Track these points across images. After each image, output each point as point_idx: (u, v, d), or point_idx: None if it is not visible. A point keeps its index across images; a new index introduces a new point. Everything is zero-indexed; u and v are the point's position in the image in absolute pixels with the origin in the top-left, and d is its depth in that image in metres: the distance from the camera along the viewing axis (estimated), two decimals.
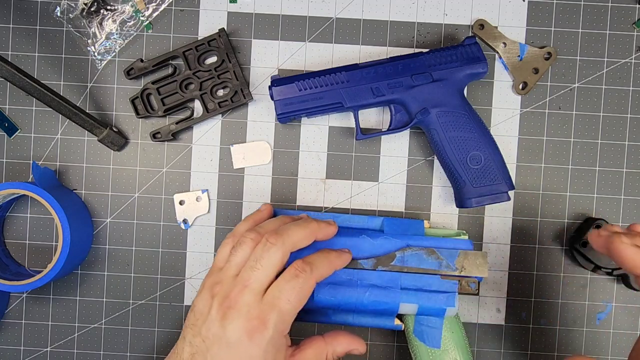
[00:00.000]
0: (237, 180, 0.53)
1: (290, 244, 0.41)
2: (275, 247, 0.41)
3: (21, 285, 0.48)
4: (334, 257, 0.43)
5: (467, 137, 0.48)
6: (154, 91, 0.51)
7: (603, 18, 0.52)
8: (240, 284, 0.40)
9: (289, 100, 0.49)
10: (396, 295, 0.45)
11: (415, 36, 0.53)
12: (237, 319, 0.39)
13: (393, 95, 0.49)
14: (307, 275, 0.40)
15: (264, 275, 0.40)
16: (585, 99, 0.52)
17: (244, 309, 0.39)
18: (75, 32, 0.52)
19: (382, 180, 0.53)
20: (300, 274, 0.40)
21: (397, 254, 0.46)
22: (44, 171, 0.50)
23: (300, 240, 0.42)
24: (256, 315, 0.39)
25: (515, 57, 0.52)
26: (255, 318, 0.39)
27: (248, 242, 0.42)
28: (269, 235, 0.41)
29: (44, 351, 0.53)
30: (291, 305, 0.40)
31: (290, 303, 0.40)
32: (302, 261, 0.41)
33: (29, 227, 0.53)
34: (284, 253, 0.41)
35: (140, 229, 0.53)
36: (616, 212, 0.52)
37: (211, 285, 0.42)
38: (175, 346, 0.42)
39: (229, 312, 0.39)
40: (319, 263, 0.42)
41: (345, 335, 0.44)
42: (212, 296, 0.41)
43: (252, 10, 0.53)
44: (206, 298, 0.41)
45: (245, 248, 0.42)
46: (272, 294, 0.40)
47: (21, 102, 0.53)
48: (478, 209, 0.52)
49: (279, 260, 0.41)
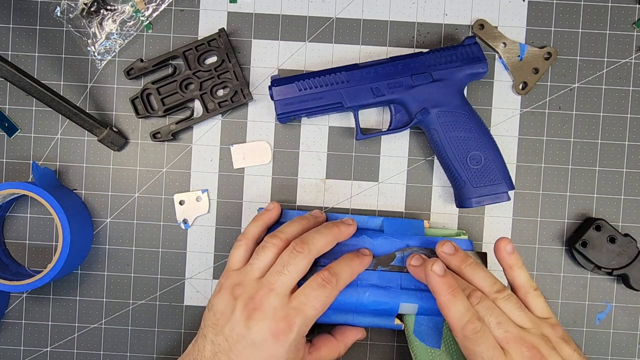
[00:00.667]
0: (237, 180, 0.53)
1: (315, 251, 0.43)
2: (302, 255, 0.43)
3: (21, 285, 0.48)
4: (357, 264, 0.45)
5: (467, 137, 0.48)
6: (154, 91, 0.51)
7: (603, 18, 0.52)
8: (265, 287, 0.42)
9: (289, 100, 0.49)
10: (396, 295, 0.45)
11: (415, 36, 0.53)
12: (262, 319, 0.41)
13: (393, 95, 0.49)
14: (333, 286, 0.42)
15: (290, 280, 0.42)
16: (585, 99, 0.52)
17: (270, 311, 0.41)
18: (75, 32, 0.52)
19: (382, 180, 0.53)
20: (327, 285, 0.42)
21: (397, 254, 0.46)
22: (44, 171, 0.50)
23: (324, 247, 0.44)
24: (282, 317, 0.41)
25: (515, 57, 0.52)
26: (282, 320, 0.41)
27: (271, 247, 0.44)
28: (295, 243, 0.43)
29: (44, 351, 0.53)
30: (316, 312, 0.42)
31: (315, 309, 0.42)
32: (329, 272, 0.43)
33: (29, 227, 0.53)
34: (310, 260, 0.43)
35: (140, 229, 0.53)
36: (616, 212, 0.52)
37: (231, 286, 0.43)
38: (194, 344, 0.43)
39: (254, 313, 0.41)
40: (344, 274, 0.43)
41: (351, 329, 0.48)
42: (235, 297, 0.42)
43: (252, 10, 0.53)
44: (227, 299, 0.42)
45: (268, 253, 0.43)
46: (298, 300, 0.42)
47: (21, 102, 0.53)
48: (478, 209, 0.52)
49: (305, 267, 0.43)
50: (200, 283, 0.53)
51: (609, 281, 0.52)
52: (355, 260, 0.45)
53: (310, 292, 0.42)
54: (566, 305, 0.52)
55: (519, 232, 0.52)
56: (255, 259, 0.44)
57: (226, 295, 0.43)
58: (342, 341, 0.47)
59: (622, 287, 0.52)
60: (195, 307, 0.53)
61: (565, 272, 0.52)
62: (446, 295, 0.40)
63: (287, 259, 0.42)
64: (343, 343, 0.47)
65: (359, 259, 0.45)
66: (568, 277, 0.52)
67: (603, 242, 0.50)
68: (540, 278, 0.52)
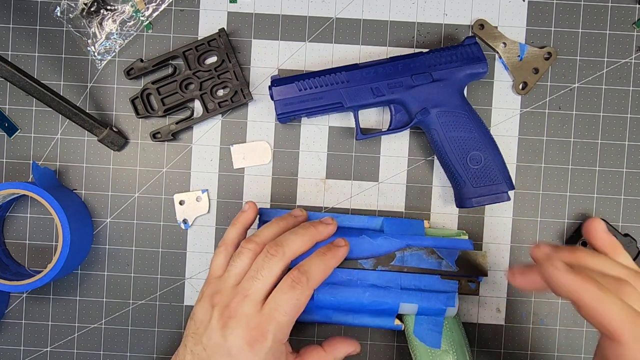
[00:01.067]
0: (237, 180, 0.53)
1: (290, 253, 0.42)
2: (276, 259, 0.41)
3: (21, 285, 0.48)
4: (330, 258, 0.43)
5: (467, 137, 0.48)
6: (154, 91, 0.51)
7: (603, 18, 0.52)
8: (240, 293, 0.41)
9: (289, 100, 0.49)
10: (396, 295, 0.45)
11: (415, 36, 0.53)
12: (237, 328, 0.40)
13: (393, 95, 0.49)
14: (303, 286, 0.41)
15: (264, 285, 0.41)
16: (585, 99, 0.52)
17: (244, 319, 0.40)
18: (75, 32, 0.52)
19: (382, 180, 0.53)
20: (296, 285, 0.41)
21: (397, 254, 0.46)
22: (44, 171, 0.50)
23: (300, 248, 0.43)
24: (255, 325, 0.40)
25: (515, 57, 0.52)
26: (255, 328, 0.40)
27: (247, 252, 0.42)
28: (269, 246, 0.42)
29: (44, 351, 0.53)
30: (288, 317, 0.40)
31: (287, 315, 0.40)
32: (298, 271, 0.41)
33: (29, 227, 0.53)
34: (285, 264, 0.42)
35: (140, 229, 0.53)
36: (616, 212, 0.52)
37: (211, 294, 0.42)
38: (177, 353, 0.43)
39: (229, 322, 0.40)
40: (315, 270, 0.42)
41: (342, 340, 0.45)
42: (212, 305, 0.41)
43: (252, 10, 0.53)
44: (206, 307, 0.42)
45: (244, 259, 0.42)
46: (269, 306, 0.40)
47: (21, 102, 0.53)
48: (478, 209, 0.52)
49: (280, 270, 0.42)
50: (200, 283, 0.53)
51: None
52: (327, 255, 0.43)
53: (280, 297, 0.40)
54: (566, 305, 0.52)
55: (519, 232, 0.52)
56: (232, 266, 0.42)
57: (205, 304, 0.42)
58: (331, 353, 0.44)
59: None
60: None
61: None
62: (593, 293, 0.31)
63: (260, 264, 0.41)
64: (332, 356, 0.44)
65: (332, 252, 0.43)
66: None
67: None
68: None
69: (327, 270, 0.43)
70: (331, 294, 0.45)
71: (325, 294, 0.45)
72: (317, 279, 0.42)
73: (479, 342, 0.52)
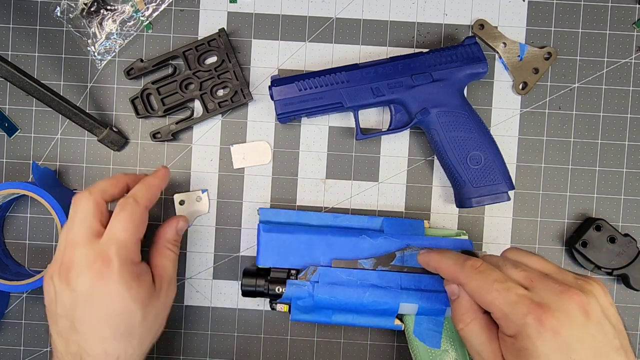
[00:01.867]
0: (237, 180, 0.53)
1: (97, 191, 0.42)
2: (84, 198, 0.42)
3: (21, 285, 0.48)
4: (151, 179, 0.45)
5: (467, 137, 0.48)
6: (154, 91, 0.51)
7: (603, 18, 0.52)
8: (67, 247, 0.40)
9: (289, 100, 0.49)
10: (396, 295, 0.45)
11: (415, 36, 0.53)
12: (80, 274, 0.39)
13: (393, 95, 0.49)
14: (132, 204, 0.41)
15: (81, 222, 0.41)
16: (585, 99, 0.52)
17: (82, 261, 0.39)
18: (75, 32, 0.52)
19: (382, 180, 0.53)
20: (125, 205, 0.41)
21: (397, 254, 0.46)
22: (44, 171, 0.50)
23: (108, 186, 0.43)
24: (95, 257, 0.39)
25: (515, 57, 0.52)
26: (96, 260, 0.39)
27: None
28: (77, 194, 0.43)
29: (44, 351, 0.53)
30: (128, 233, 0.40)
31: (126, 231, 0.40)
32: (123, 198, 0.42)
33: (29, 227, 0.53)
34: (94, 201, 0.42)
35: None
36: (616, 212, 0.52)
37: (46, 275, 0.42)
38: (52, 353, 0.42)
39: (70, 274, 0.39)
40: (139, 191, 0.43)
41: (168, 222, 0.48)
42: (50, 277, 0.41)
43: (252, 10, 0.53)
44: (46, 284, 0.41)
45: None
46: (106, 234, 0.40)
47: (21, 102, 0.53)
48: (478, 209, 0.52)
49: (91, 207, 0.41)
50: (200, 283, 0.53)
51: (609, 281, 0.52)
52: (148, 178, 0.45)
53: (113, 221, 0.41)
54: None
55: (519, 232, 0.52)
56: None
57: (45, 283, 0.41)
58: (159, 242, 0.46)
59: (622, 287, 0.52)
60: (195, 307, 0.53)
61: None
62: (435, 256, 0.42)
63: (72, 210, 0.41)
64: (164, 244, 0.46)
65: (152, 175, 0.45)
66: None
67: (603, 242, 0.50)
68: None
69: (152, 189, 0.44)
70: (331, 294, 0.45)
71: (325, 294, 0.45)
72: (144, 197, 0.43)
73: None
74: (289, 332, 0.53)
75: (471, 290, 0.38)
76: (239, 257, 0.53)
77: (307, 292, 0.46)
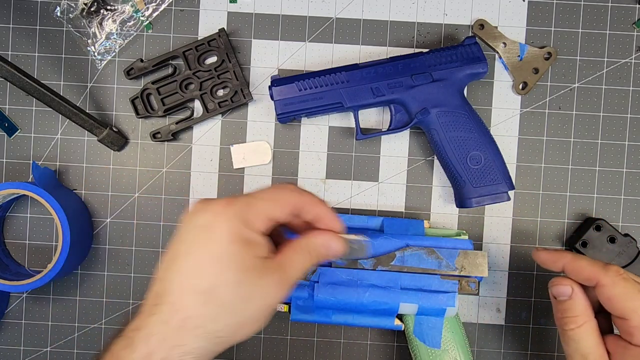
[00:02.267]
0: (237, 180, 0.53)
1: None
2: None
3: (21, 285, 0.48)
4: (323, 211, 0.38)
5: (467, 137, 0.48)
6: (154, 91, 0.51)
7: (603, 18, 0.52)
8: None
9: (289, 100, 0.49)
10: (396, 295, 0.45)
11: (415, 36, 0.53)
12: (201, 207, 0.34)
13: (393, 95, 0.49)
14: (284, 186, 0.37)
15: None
16: (585, 99, 0.52)
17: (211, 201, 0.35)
18: (75, 32, 0.52)
19: (382, 180, 0.53)
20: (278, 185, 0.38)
21: (397, 254, 0.46)
22: (44, 171, 0.50)
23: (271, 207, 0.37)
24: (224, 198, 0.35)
25: (515, 57, 0.52)
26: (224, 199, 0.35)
27: None
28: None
29: (44, 351, 0.53)
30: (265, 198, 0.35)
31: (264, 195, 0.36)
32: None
33: (29, 227, 0.53)
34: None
35: (140, 229, 0.53)
36: (616, 212, 0.52)
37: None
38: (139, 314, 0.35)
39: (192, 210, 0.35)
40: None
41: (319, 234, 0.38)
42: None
43: (252, 10, 0.53)
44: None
45: None
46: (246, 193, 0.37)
47: (21, 102, 0.53)
48: (478, 209, 0.52)
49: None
50: None
51: None
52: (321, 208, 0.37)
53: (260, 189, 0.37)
54: None
55: (519, 232, 0.52)
56: None
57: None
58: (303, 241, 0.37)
59: None
60: None
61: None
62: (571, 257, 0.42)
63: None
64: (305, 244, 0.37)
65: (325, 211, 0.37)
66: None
67: (603, 242, 0.50)
68: (541, 278, 0.52)
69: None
70: (331, 294, 0.45)
71: (325, 294, 0.45)
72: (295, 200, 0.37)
73: (479, 342, 0.52)
74: (289, 332, 0.53)
75: (614, 295, 0.38)
76: None
77: (307, 292, 0.46)
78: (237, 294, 0.33)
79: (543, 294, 0.52)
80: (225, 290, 0.33)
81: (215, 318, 0.33)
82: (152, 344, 0.32)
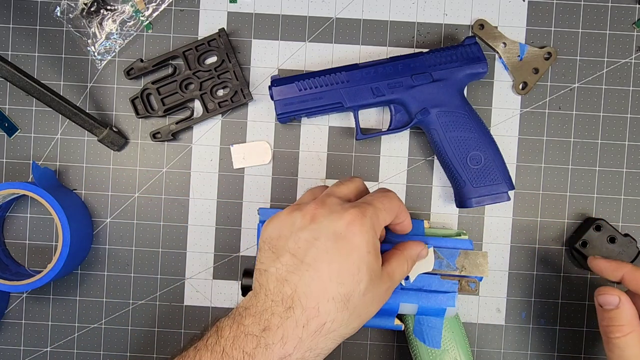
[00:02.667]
0: (237, 180, 0.53)
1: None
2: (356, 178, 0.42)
3: (21, 285, 0.48)
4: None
5: (467, 137, 0.48)
6: (154, 91, 0.51)
7: (603, 18, 0.52)
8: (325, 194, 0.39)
9: (289, 100, 0.49)
10: (396, 295, 0.45)
11: (415, 36, 0.53)
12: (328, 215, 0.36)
13: (393, 95, 0.49)
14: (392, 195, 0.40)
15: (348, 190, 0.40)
16: (585, 99, 0.52)
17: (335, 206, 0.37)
18: (75, 32, 0.52)
19: (382, 180, 0.53)
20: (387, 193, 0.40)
21: None
22: (44, 171, 0.50)
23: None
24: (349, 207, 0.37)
25: (515, 57, 0.52)
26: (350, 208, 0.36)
27: None
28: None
29: (44, 351, 0.53)
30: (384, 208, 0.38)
31: (383, 206, 0.38)
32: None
33: (29, 227, 0.53)
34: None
35: (140, 229, 0.53)
36: (616, 212, 0.52)
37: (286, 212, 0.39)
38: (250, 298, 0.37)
39: (318, 213, 0.36)
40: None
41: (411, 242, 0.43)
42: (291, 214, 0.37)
43: (252, 10, 0.53)
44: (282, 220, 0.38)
45: None
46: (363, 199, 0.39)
47: (21, 102, 0.53)
48: (478, 209, 0.52)
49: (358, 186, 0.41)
50: (200, 283, 0.53)
51: (608, 281, 0.52)
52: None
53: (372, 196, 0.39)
54: (566, 305, 0.52)
55: (519, 232, 0.52)
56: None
57: (279, 221, 0.38)
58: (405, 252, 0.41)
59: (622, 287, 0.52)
60: (195, 307, 0.53)
61: (565, 272, 0.52)
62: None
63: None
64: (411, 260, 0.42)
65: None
66: (568, 277, 0.52)
67: (603, 242, 0.50)
68: (541, 278, 0.52)
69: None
70: None
71: None
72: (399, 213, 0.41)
73: (479, 342, 0.52)
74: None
75: None
76: (239, 257, 0.53)
77: None
78: (364, 300, 0.36)
79: (543, 294, 0.52)
80: (357, 297, 0.36)
81: (347, 323, 0.36)
82: (288, 346, 0.34)
